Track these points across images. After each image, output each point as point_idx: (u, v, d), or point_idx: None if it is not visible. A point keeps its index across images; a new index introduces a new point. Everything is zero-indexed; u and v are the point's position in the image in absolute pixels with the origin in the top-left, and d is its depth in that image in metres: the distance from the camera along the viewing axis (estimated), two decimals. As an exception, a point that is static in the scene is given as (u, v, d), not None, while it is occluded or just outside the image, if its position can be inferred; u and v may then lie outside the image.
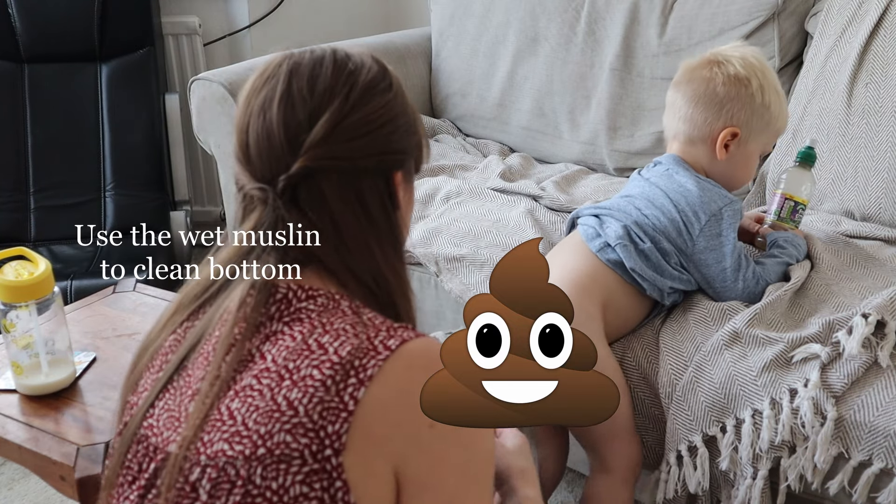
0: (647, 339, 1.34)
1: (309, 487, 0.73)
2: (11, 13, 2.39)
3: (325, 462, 0.73)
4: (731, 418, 1.22)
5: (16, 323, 1.19)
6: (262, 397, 0.75)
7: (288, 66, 0.83)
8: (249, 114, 0.83)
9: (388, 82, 0.86)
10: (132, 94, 2.45)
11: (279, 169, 0.80)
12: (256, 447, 0.74)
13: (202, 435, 0.76)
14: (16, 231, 2.32)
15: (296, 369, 0.76)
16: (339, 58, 0.84)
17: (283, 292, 0.81)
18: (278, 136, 0.81)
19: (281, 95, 0.82)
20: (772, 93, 1.35)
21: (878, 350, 1.20)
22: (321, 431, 0.73)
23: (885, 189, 1.66)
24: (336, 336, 0.78)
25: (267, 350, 0.78)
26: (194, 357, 0.82)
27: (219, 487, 0.74)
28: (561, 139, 2.20)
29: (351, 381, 0.75)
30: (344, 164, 0.81)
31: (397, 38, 2.48)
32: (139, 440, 0.82)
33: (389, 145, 0.84)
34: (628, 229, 1.33)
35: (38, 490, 1.80)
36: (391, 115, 0.84)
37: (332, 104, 0.81)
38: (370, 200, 0.83)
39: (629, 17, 2.06)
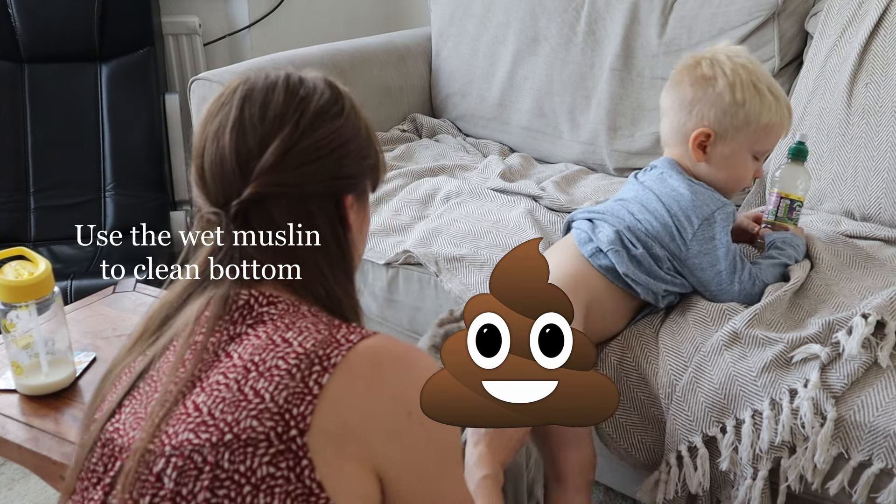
0: (646, 340, 1.34)
1: (275, 468, 0.75)
2: (11, 13, 2.38)
3: (291, 442, 0.75)
4: (730, 419, 1.22)
5: (16, 323, 1.19)
6: (229, 389, 0.77)
7: (242, 93, 0.86)
8: (205, 139, 0.86)
9: (340, 107, 0.88)
10: (132, 94, 2.45)
11: (232, 194, 0.83)
12: (223, 434, 0.76)
13: (166, 428, 0.78)
14: (16, 231, 2.32)
15: (262, 361, 0.78)
16: (291, 83, 0.87)
17: (244, 299, 0.83)
18: (230, 163, 0.83)
19: (233, 122, 0.84)
20: (747, 90, 1.32)
21: (878, 350, 1.20)
22: (286, 414, 0.75)
23: (885, 189, 1.66)
24: (300, 332, 0.80)
25: (233, 349, 0.81)
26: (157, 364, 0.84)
27: (185, 475, 0.76)
28: (561, 139, 2.20)
29: (315, 368, 0.77)
30: (293, 189, 0.84)
31: (397, 38, 2.48)
32: (104, 443, 0.83)
33: (339, 170, 0.86)
34: (620, 234, 1.33)
35: (38, 490, 1.80)
36: (341, 140, 0.86)
37: (282, 131, 0.83)
38: (319, 223, 0.86)
39: (629, 17, 2.06)
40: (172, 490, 0.76)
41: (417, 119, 2.37)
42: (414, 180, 1.95)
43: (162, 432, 0.78)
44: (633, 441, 1.34)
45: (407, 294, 1.68)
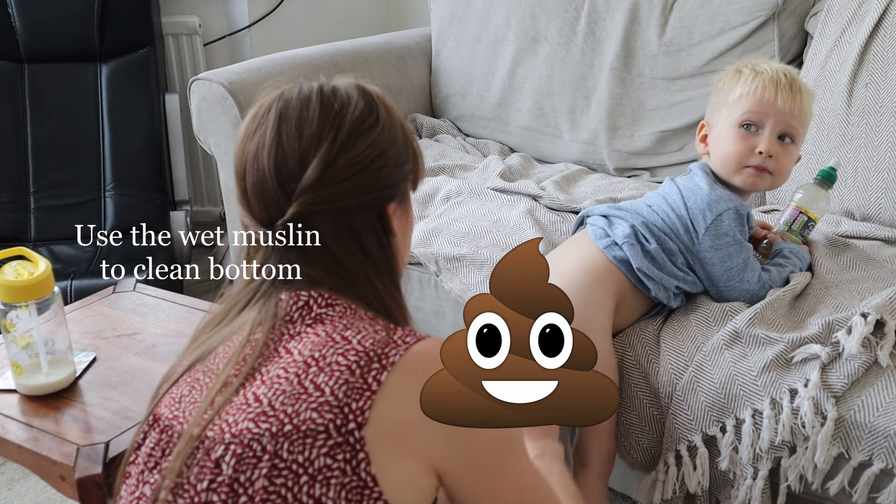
0: (647, 338, 1.34)
1: (332, 459, 0.77)
2: (11, 13, 2.39)
3: (349, 435, 0.77)
4: (731, 418, 1.22)
5: (16, 323, 1.19)
6: (290, 383, 0.79)
7: (276, 111, 0.87)
8: (245, 160, 0.87)
9: (375, 116, 0.88)
10: (132, 94, 2.45)
11: (275, 213, 0.85)
12: (283, 424, 0.77)
13: (226, 417, 0.80)
14: (16, 231, 2.32)
15: (322, 357, 0.80)
16: (325, 97, 0.87)
17: (304, 299, 0.85)
18: (271, 183, 0.85)
19: (271, 142, 0.85)
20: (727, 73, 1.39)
21: (878, 350, 1.20)
22: (345, 408, 0.77)
23: (885, 189, 1.66)
24: (358, 331, 0.82)
25: (293, 346, 0.83)
26: (215, 357, 0.87)
27: (244, 462, 0.77)
28: (561, 139, 2.20)
29: (374, 365, 0.79)
30: (335, 205, 0.85)
31: (397, 38, 2.48)
32: (163, 430, 0.86)
33: (379, 181, 0.87)
34: (635, 230, 1.34)
35: (38, 490, 1.80)
36: (379, 150, 0.87)
37: (320, 149, 0.84)
38: (365, 236, 0.87)
39: (629, 17, 2.06)
40: (231, 476, 0.78)
41: (417, 119, 2.37)
42: (414, 180, 1.95)
43: (222, 420, 0.80)
44: (630, 441, 1.34)
45: (407, 294, 1.68)
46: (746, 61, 1.40)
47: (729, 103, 1.36)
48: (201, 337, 0.91)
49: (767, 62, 1.39)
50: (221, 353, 0.87)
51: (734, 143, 1.35)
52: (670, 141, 2.04)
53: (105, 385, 1.26)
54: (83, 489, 1.09)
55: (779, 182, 1.38)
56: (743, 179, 1.36)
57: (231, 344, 0.86)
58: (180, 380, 0.89)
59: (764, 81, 1.34)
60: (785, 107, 1.33)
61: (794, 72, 1.38)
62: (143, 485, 0.85)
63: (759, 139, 1.34)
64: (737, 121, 1.35)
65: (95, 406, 1.22)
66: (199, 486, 0.79)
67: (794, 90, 1.34)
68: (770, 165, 1.35)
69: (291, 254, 0.86)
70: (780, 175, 1.37)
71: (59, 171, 2.39)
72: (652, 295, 1.34)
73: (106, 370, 1.30)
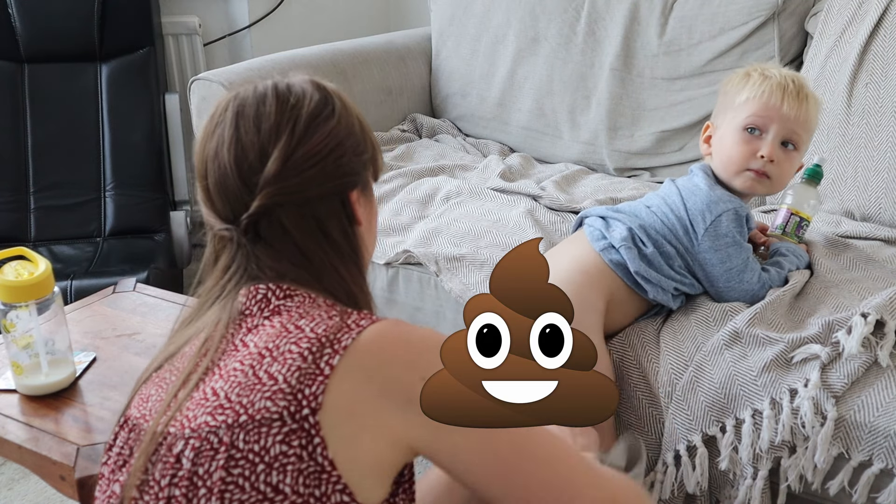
0: (647, 338, 1.34)
1: (288, 446, 0.77)
2: (11, 13, 2.38)
3: (303, 421, 0.78)
4: (730, 418, 1.22)
5: (16, 323, 1.19)
6: (245, 375, 0.81)
7: (234, 109, 0.88)
8: (206, 159, 0.88)
9: (331, 108, 0.89)
10: (132, 94, 2.45)
11: (239, 209, 0.86)
12: (238, 415, 0.79)
13: (187, 413, 0.81)
14: (16, 231, 2.32)
15: (275, 347, 0.81)
16: (280, 92, 0.89)
17: (262, 292, 0.86)
18: (233, 180, 0.86)
19: (230, 139, 0.86)
20: (736, 76, 1.40)
21: (878, 350, 1.20)
22: (298, 394, 0.78)
23: (885, 189, 1.66)
24: (312, 319, 0.83)
25: (250, 339, 0.84)
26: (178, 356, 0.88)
27: (202, 455, 0.79)
28: (561, 139, 2.20)
29: (326, 350, 0.80)
30: (298, 196, 0.86)
31: (397, 38, 2.48)
32: (131, 429, 0.87)
33: (339, 169, 0.88)
34: (633, 233, 1.35)
35: (38, 490, 1.80)
36: (337, 140, 0.88)
37: (279, 141, 0.86)
38: (329, 225, 0.88)
39: (629, 17, 2.06)
40: (189, 470, 0.79)
41: (417, 119, 2.37)
42: (414, 180, 1.95)
43: (182, 416, 0.81)
44: (632, 441, 1.34)
45: (407, 294, 1.68)
46: (756, 65, 1.40)
47: (735, 106, 1.37)
48: (174, 335, 0.92)
49: (777, 67, 1.39)
50: (187, 351, 0.88)
51: (737, 145, 1.35)
52: (670, 141, 2.04)
53: (105, 385, 1.26)
54: (83, 489, 1.09)
55: (777, 188, 1.39)
56: (742, 182, 1.36)
57: (196, 342, 0.87)
58: (150, 380, 0.90)
59: (771, 86, 1.34)
60: (790, 113, 1.33)
61: (803, 79, 1.38)
62: (113, 483, 0.86)
63: (762, 143, 1.34)
64: (741, 124, 1.35)
65: (95, 406, 1.22)
66: (162, 481, 0.80)
67: (801, 97, 1.34)
68: (770, 170, 1.35)
69: (257, 248, 0.87)
70: (779, 181, 1.37)
71: (59, 171, 2.39)
72: (650, 297, 1.34)
73: (106, 370, 1.30)
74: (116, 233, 2.37)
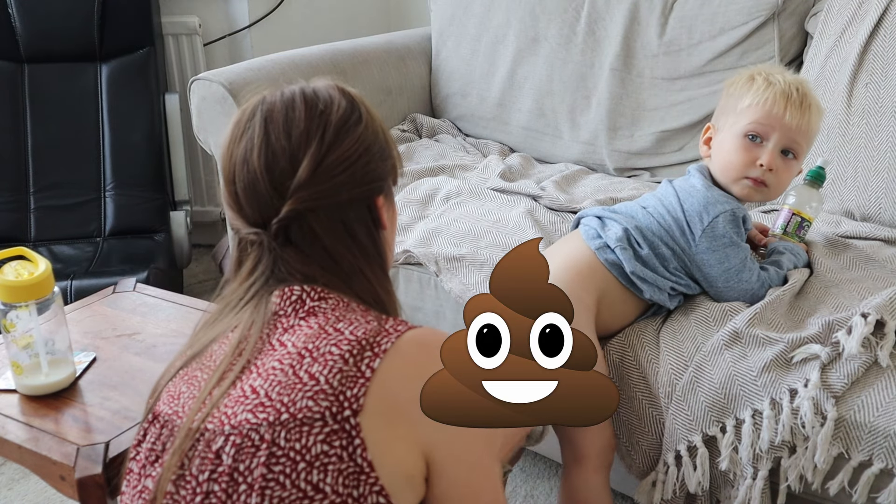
0: (647, 339, 1.35)
1: (329, 446, 0.79)
2: (11, 13, 2.39)
3: (345, 422, 0.79)
4: (731, 418, 1.22)
5: (16, 323, 1.19)
6: (285, 374, 0.82)
7: (262, 115, 0.89)
8: (233, 164, 0.89)
9: (359, 114, 0.91)
10: (132, 94, 2.45)
11: (269, 213, 0.87)
12: (280, 413, 0.80)
13: (225, 409, 0.82)
14: (16, 231, 2.32)
15: (315, 349, 0.82)
16: (308, 98, 0.90)
17: (297, 293, 0.88)
18: (263, 185, 0.87)
19: (260, 144, 0.87)
20: (739, 79, 1.39)
21: (878, 350, 1.20)
22: (340, 396, 0.80)
23: (885, 189, 1.66)
24: (350, 322, 0.85)
25: (286, 339, 0.85)
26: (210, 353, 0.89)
27: (243, 451, 0.80)
28: (561, 139, 2.20)
29: (367, 353, 0.82)
30: (328, 201, 0.88)
31: (397, 38, 2.48)
32: (163, 425, 0.88)
33: (367, 175, 0.90)
34: (628, 233, 1.35)
35: (38, 490, 1.80)
36: (365, 146, 0.90)
37: (309, 148, 0.87)
38: (357, 229, 0.90)
39: (629, 17, 2.06)
40: (230, 466, 0.80)
41: (417, 119, 2.37)
42: (414, 180, 1.95)
43: (221, 413, 0.82)
44: (632, 441, 1.34)
45: (407, 294, 1.68)
46: (761, 68, 1.39)
47: (737, 111, 1.36)
48: (198, 335, 0.93)
49: (782, 73, 1.38)
50: (217, 350, 0.88)
51: (737, 152, 1.35)
52: (670, 141, 2.04)
53: (105, 385, 1.26)
54: (83, 489, 1.09)
55: (774, 195, 1.38)
56: (740, 190, 1.36)
57: (226, 341, 0.88)
58: (177, 377, 0.90)
59: (775, 94, 1.33)
60: (792, 122, 1.33)
61: (808, 86, 1.37)
62: (145, 478, 0.86)
63: (762, 151, 1.34)
64: (742, 130, 1.35)
65: (95, 406, 1.22)
66: (200, 476, 0.81)
67: (804, 106, 1.34)
68: (769, 179, 1.35)
69: (286, 252, 0.88)
70: (776, 189, 1.37)
71: (59, 171, 2.39)
72: (646, 297, 1.34)
73: (106, 370, 1.30)
74: (116, 233, 2.37)
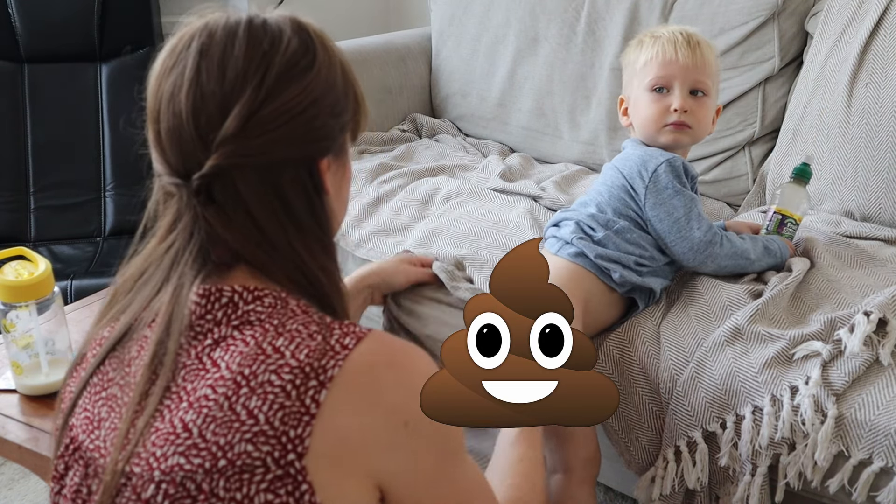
0: (647, 334, 1.34)
1: (274, 494, 0.71)
2: (11, 13, 2.38)
3: (289, 466, 0.71)
4: (731, 414, 1.22)
5: (16, 323, 1.19)
6: (220, 407, 0.72)
7: (198, 45, 0.77)
8: (160, 100, 0.77)
9: (311, 58, 0.78)
10: (132, 94, 2.44)
11: (192, 165, 0.75)
12: (217, 459, 0.71)
13: (153, 449, 0.73)
14: (16, 231, 2.32)
15: (252, 375, 0.72)
16: (253, 31, 0.77)
17: (228, 296, 0.77)
18: (189, 131, 0.75)
19: (189, 83, 0.75)
20: (628, 48, 1.46)
21: (880, 348, 1.21)
22: (283, 437, 0.71)
23: (885, 189, 1.66)
24: (291, 339, 0.74)
25: (219, 357, 0.74)
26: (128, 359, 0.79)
27: (177, 503, 0.71)
28: (561, 139, 2.20)
29: (311, 383, 0.72)
30: (259, 159, 0.75)
31: (397, 38, 2.48)
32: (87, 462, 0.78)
33: (311, 133, 0.78)
34: (580, 224, 1.37)
35: (38, 490, 1.80)
36: (312, 98, 0.77)
37: (243, 94, 0.74)
38: (291, 195, 0.77)
39: (629, 17, 2.06)
40: None
41: (417, 119, 2.37)
42: (414, 180, 1.95)
43: (147, 452, 0.73)
44: (631, 437, 1.34)
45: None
46: (646, 31, 1.46)
47: (637, 72, 1.42)
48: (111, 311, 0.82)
49: (665, 27, 1.46)
50: (135, 355, 0.78)
51: (649, 106, 1.40)
52: (670, 141, 2.04)
53: (105, 385, 1.26)
54: (83, 489, 1.09)
55: (701, 134, 1.42)
56: (666, 138, 1.40)
57: (144, 343, 0.78)
58: (93, 387, 0.80)
59: (663, 44, 1.40)
60: (688, 62, 1.38)
61: (692, 29, 1.44)
62: None
63: (672, 98, 1.39)
64: (647, 86, 1.40)
65: (96, 406, 1.22)
66: None
67: (693, 45, 1.40)
68: (687, 120, 1.39)
69: (208, 212, 0.76)
70: (699, 128, 1.41)
71: (59, 171, 2.39)
72: (617, 278, 1.34)
73: (106, 370, 1.30)
74: (116, 233, 2.37)
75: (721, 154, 1.96)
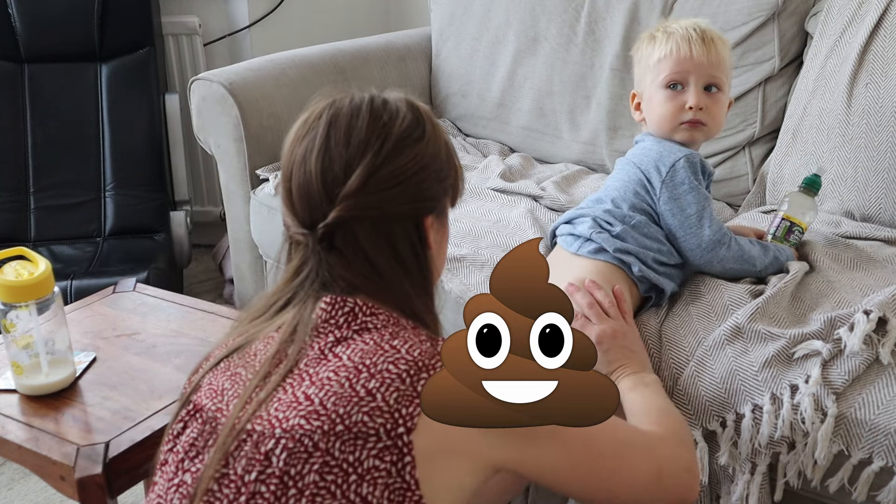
0: (649, 332, 1.34)
1: (380, 461, 0.80)
2: (11, 13, 2.39)
3: (398, 439, 0.80)
4: (731, 413, 1.22)
5: (16, 323, 1.19)
6: (341, 386, 0.82)
7: (327, 118, 0.90)
8: (292, 163, 0.91)
9: (421, 130, 0.92)
10: (132, 94, 2.45)
11: (318, 216, 0.88)
12: (335, 424, 0.80)
13: (276, 413, 0.82)
14: (16, 231, 2.32)
15: (373, 364, 0.83)
16: (374, 108, 0.91)
17: (350, 306, 0.88)
18: (316, 187, 0.88)
19: (319, 147, 0.89)
20: (641, 42, 1.45)
21: (880, 347, 1.21)
22: (395, 413, 0.80)
23: (885, 189, 1.66)
24: (405, 341, 0.85)
25: (341, 351, 0.86)
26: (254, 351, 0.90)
27: (295, 456, 0.80)
28: (561, 139, 2.20)
29: (423, 375, 0.82)
30: (375, 213, 0.88)
31: (397, 38, 2.48)
32: (206, 420, 0.88)
33: (420, 193, 0.91)
34: (596, 220, 1.37)
35: (38, 490, 1.80)
36: (422, 164, 0.91)
37: (365, 157, 0.88)
38: (401, 245, 0.91)
39: (629, 17, 2.06)
40: (282, 469, 0.80)
41: (417, 119, 2.37)
42: (414, 180, 1.95)
43: (270, 415, 0.82)
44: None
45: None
46: (658, 25, 1.45)
47: (651, 68, 1.41)
48: (240, 328, 0.94)
49: (677, 21, 1.44)
50: (260, 349, 0.89)
51: (664, 104, 1.40)
52: (670, 141, 2.04)
53: (105, 385, 1.27)
54: (83, 489, 1.09)
55: (715, 131, 1.42)
56: (681, 136, 1.40)
57: (269, 341, 0.89)
58: (218, 369, 0.91)
59: (677, 41, 1.39)
60: (703, 59, 1.38)
61: (705, 23, 1.43)
62: (183, 473, 0.87)
63: (687, 95, 1.38)
64: (662, 83, 1.40)
65: (95, 406, 1.22)
66: (246, 477, 0.81)
67: (707, 41, 1.39)
68: (703, 117, 1.39)
69: (331, 256, 0.89)
70: (714, 124, 1.41)
71: (59, 171, 2.39)
72: (635, 272, 1.34)
73: (106, 370, 1.30)
74: (116, 233, 2.37)
75: (721, 154, 1.96)
